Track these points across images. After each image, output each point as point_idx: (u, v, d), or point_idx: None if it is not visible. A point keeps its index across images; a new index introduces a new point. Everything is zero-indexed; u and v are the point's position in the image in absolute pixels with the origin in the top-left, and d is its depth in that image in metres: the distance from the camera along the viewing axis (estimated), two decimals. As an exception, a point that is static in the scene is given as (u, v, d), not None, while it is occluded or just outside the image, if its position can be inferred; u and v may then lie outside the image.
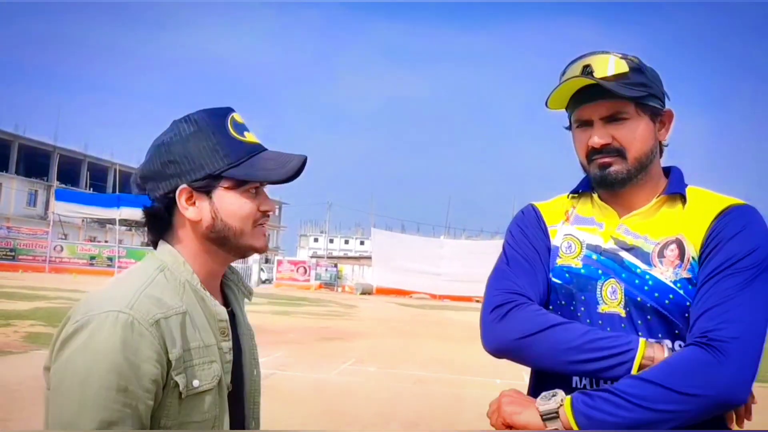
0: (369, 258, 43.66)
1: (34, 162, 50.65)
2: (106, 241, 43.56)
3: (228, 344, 1.16)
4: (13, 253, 36.13)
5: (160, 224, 1.18)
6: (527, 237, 1.42)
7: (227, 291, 1.28)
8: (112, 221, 39.57)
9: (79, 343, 0.99)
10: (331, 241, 78.14)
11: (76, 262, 36.65)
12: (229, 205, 1.15)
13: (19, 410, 5.43)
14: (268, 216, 1.21)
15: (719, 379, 1.10)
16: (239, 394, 1.22)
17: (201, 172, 1.14)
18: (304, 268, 40.25)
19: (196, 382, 1.07)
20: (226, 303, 1.25)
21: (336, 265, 42.54)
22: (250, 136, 1.20)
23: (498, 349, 1.30)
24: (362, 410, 6.51)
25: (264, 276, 42.75)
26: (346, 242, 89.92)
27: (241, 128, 1.19)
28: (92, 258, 37.17)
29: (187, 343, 1.07)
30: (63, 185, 47.76)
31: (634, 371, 1.16)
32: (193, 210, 1.14)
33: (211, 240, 1.17)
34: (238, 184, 1.16)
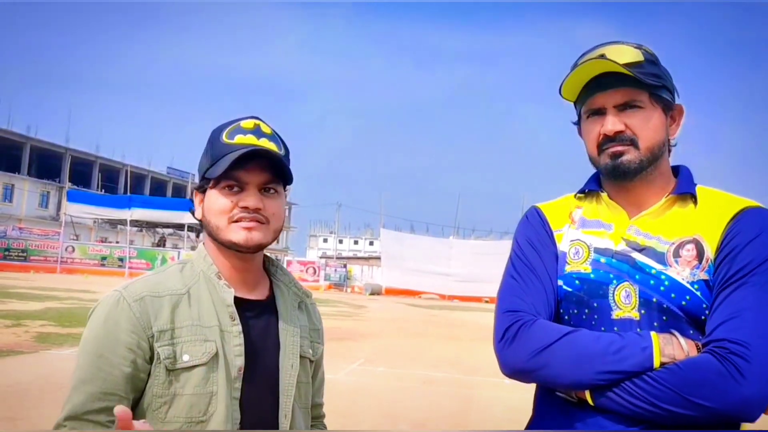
0: (378, 258, 43.70)
1: (46, 163, 51.17)
2: (117, 242, 43.85)
3: (236, 328, 1.22)
4: (24, 254, 36.44)
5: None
6: (533, 246, 1.37)
7: (276, 290, 1.35)
8: (123, 222, 39.86)
9: (88, 318, 1.20)
10: (341, 241, 78.34)
11: (88, 262, 36.89)
12: (207, 202, 1.26)
13: (29, 410, 5.45)
14: (250, 211, 1.22)
15: (733, 396, 1.09)
16: (274, 383, 1.28)
17: (199, 176, 1.29)
18: (314, 268, 40.31)
19: (186, 357, 1.16)
20: (272, 300, 1.33)
21: (345, 266, 42.62)
22: (241, 139, 1.23)
23: (515, 371, 1.25)
24: (371, 410, 6.49)
25: (273, 276, 42.78)
26: (356, 243, 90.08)
27: (236, 132, 1.24)
28: (103, 258, 37.41)
29: (178, 321, 1.18)
30: (75, 186, 48.18)
31: (655, 367, 1.14)
32: (198, 209, 1.29)
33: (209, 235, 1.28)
34: (216, 183, 1.23)
